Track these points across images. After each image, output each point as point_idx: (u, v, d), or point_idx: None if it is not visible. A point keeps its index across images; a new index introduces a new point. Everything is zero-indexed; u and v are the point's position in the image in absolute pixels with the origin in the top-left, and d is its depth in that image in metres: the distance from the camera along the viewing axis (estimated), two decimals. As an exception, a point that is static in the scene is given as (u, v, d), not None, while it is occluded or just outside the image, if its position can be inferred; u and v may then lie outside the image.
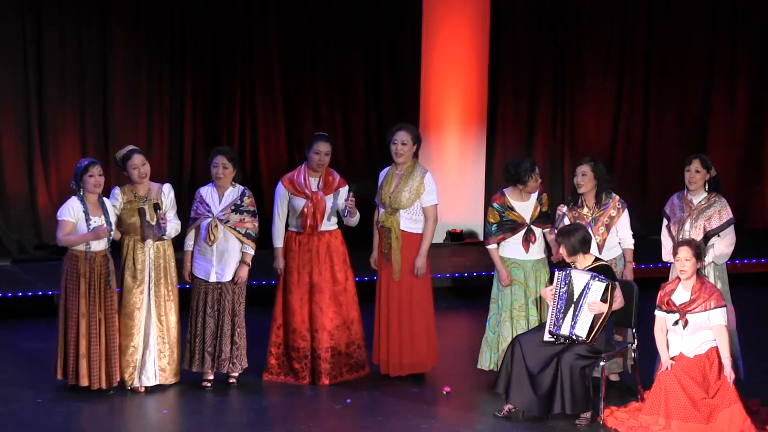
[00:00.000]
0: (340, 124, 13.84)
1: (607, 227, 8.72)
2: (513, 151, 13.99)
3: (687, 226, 8.68)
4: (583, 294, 8.06)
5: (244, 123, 13.57)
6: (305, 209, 8.85)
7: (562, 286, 8.15)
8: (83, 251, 8.44)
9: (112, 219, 8.52)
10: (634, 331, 8.52)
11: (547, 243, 8.87)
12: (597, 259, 8.29)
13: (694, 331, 7.95)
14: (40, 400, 8.48)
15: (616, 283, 8.14)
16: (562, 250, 8.21)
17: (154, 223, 8.54)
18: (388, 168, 9.03)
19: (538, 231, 8.79)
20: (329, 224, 8.97)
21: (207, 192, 8.81)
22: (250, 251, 8.76)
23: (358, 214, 8.91)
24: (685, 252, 7.94)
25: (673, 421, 7.76)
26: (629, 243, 8.80)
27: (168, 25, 13.16)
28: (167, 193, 8.70)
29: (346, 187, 8.95)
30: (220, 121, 13.45)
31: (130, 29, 12.99)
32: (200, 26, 13.26)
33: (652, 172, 14.73)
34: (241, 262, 8.76)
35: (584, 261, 8.22)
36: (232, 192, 8.78)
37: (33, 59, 12.65)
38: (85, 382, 8.47)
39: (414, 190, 8.87)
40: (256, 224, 8.80)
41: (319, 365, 8.91)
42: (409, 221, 8.91)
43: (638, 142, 14.79)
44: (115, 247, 8.68)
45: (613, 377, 8.84)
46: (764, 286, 12.45)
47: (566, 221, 8.68)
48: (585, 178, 8.72)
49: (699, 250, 7.98)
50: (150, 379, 8.64)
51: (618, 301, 8.16)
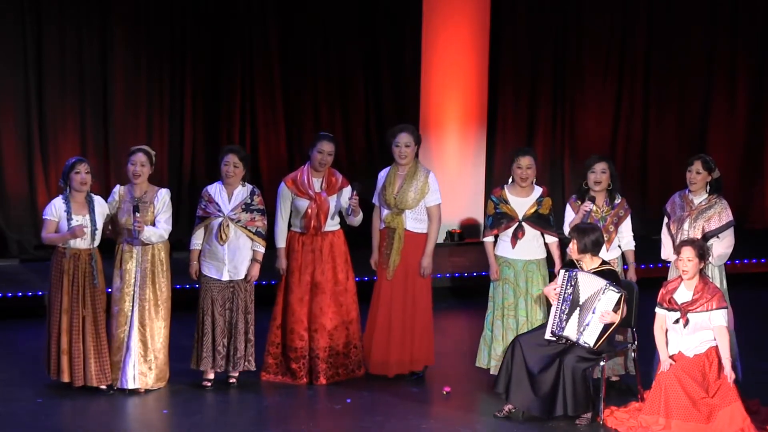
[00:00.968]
0: (340, 124, 13.83)
1: (615, 226, 8.74)
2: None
3: (686, 226, 8.68)
4: (592, 300, 8.04)
5: (244, 123, 13.56)
6: (309, 210, 8.85)
7: (567, 287, 8.14)
8: (64, 248, 8.43)
9: (99, 218, 8.47)
10: (634, 330, 8.52)
11: (547, 246, 8.85)
12: (604, 263, 8.28)
13: (694, 331, 7.95)
14: (40, 400, 8.48)
15: (624, 290, 8.15)
16: (572, 246, 8.20)
17: (130, 226, 8.49)
18: (388, 169, 9.03)
19: (529, 230, 8.77)
20: (332, 224, 8.98)
21: (215, 190, 8.80)
22: (261, 249, 8.78)
23: (362, 214, 8.92)
24: (688, 252, 7.94)
25: (673, 420, 7.76)
26: (632, 245, 8.82)
27: (168, 25, 13.15)
28: (161, 198, 8.64)
29: (349, 187, 8.95)
30: (220, 121, 13.45)
31: (130, 29, 12.98)
32: (200, 26, 13.25)
33: (652, 172, 14.73)
34: (253, 260, 8.76)
35: (591, 263, 8.22)
36: (242, 191, 8.78)
37: (33, 59, 12.64)
38: (66, 378, 8.47)
39: (419, 190, 8.88)
40: (266, 222, 8.82)
41: (316, 365, 8.91)
42: (415, 221, 8.93)
43: (638, 142, 14.79)
44: (110, 247, 8.68)
45: (613, 377, 8.84)
46: (764, 286, 12.45)
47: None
48: (604, 176, 8.74)
49: (702, 251, 7.97)
50: (129, 382, 8.59)
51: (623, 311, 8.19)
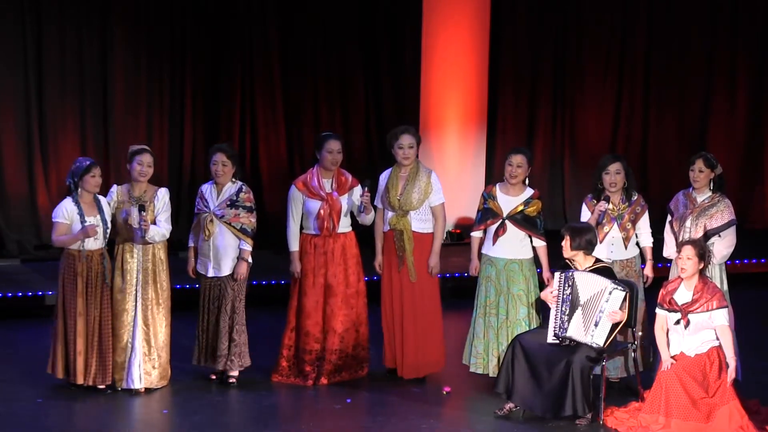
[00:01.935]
0: (340, 124, 13.83)
1: (633, 223, 8.75)
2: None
3: (688, 223, 8.69)
4: (597, 301, 8.03)
5: (244, 123, 13.57)
6: (321, 211, 8.84)
7: (566, 289, 8.14)
8: (78, 251, 8.44)
9: (108, 218, 8.51)
10: (635, 330, 8.52)
11: (534, 249, 8.84)
12: (597, 261, 8.29)
13: (696, 331, 7.95)
14: (40, 400, 8.47)
15: (627, 289, 8.16)
16: (566, 243, 8.20)
17: (136, 226, 8.51)
18: (389, 171, 9.02)
19: (512, 228, 8.75)
20: (344, 225, 8.97)
21: (207, 189, 8.84)
22: (247, 247, 8.75)
23: (373, 212, 8.91)
24: (688, 251, 7.94)
25: (673, 420, 7.76)
26: (649, 241, 8.83)
27: (168, 25, 13.16)
28: (161, 197, 8.65)
29: (359, 186, 8.95)
30: (220, 121, 13.45)
31: (130, 29, 12.98)
32: (200, 26, 13.26)
33: (652, 172, 14.73)
34: (239, 258, 8.75)
35: (585, 261, 8.22)
36: (230, 188, 8.79)
37: (33, 59, 12.64)
38: (80, 380, 8.47)
39: (422, 190, 8.89)
40: (253, 220, 8.79)
41: (322, 366, 8.91)
42: (420, 222, 8.93)
43: (638, 142, 14.79)
44: (111, 246, 8.69)
45: (614, 378, 8.84)
46: (764, 286, 12.45)
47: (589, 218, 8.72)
48: (619, 176, 8.75)
49: (703, 251, 7.96)
50: (135, 382, 8.61)
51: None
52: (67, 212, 8.42)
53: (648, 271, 8.78)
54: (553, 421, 8.07)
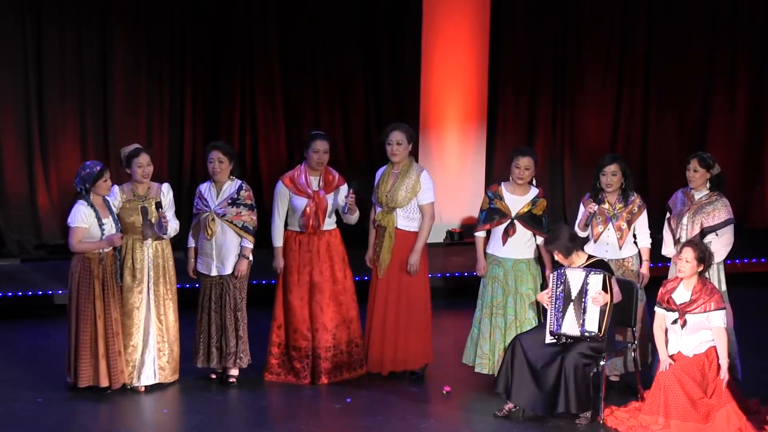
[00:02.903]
0: (340, 124, 13.83)
1: (629, 224, 8.74)
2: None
3: (685, 221, 8.70)
4: (582, 292, 8.07)
5: (244, 123, 13.56)
6: (307, 209, 8.86)
7: (558, 285, 8.17)
8: (97, 254, 8.45)
9: (115, 218, 8.54)
10: (634, 330, 8.52)
11: (538, 248, 8.85)
12: (590, 256, 8.31)
13: (693, 331, 7.95)
14: (40, 400, 8.48)
15: (612, 275, 8.16)
16: (558, 256, 8.22)
17: (155, 221, 8.56)
18: (384, 167, 9.06)
19: (520, 229, 8.77)
20: (329, 223, 8.99)
21: (206, 188, 8.86)
22: (249, 244, 8.77)
23: (358, 212, 8.94)
24: (688, 252, 7.94)
25: (672, 420, 7.77)
26: (647, 242, 8.82)
27: (168, 25, 13.15)
28: (166, 193, 8.71)
29: (346, 185, 8.97)
30: (220, 121, 13.45)
31: (130, 29, 12.98)
32: (200, 26, 13.25)
33: (652, 172, 14.73)
34: (241, 255, 8.77)
35: (579, 259, 8.24)
36: (230, 186, 8.81)
37: (33, 59, 12.64)
38: (105, 383, 8.48)
39: (410, 188, 8.89)
40: (254, 217, 8.82)
41: (319, 365, 8.91)
42: (406, 219, 8.93)
43: (638, 142, 14.78)
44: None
45: (614, 377, 8.85)
46: (764, 286, 12.45)
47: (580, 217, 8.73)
48: (615, 178, 8.75)
49: (703, 255, 7.96)
50: (149, 378, 8.66)
51: (616, 295, 8.17)
52: (85, 217, 8.41)
53: (644, 271, 8.78)
54: (553, 421, 8.08)
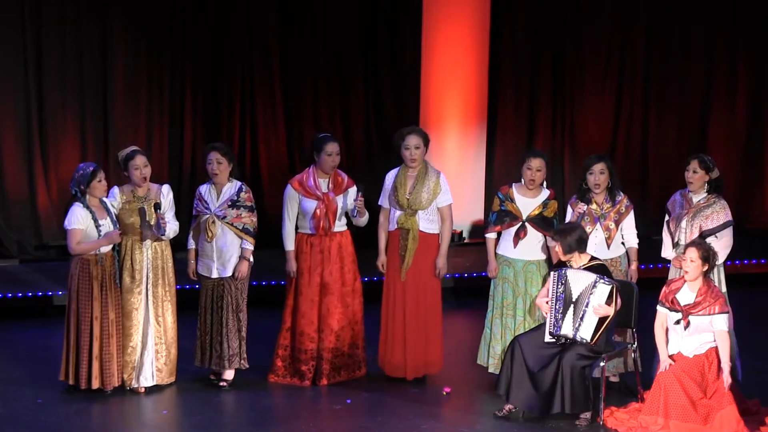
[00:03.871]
0: (340, 124, 13.82)
1: (616, 223, 8.74)
2: (513, 151, 13.99)
3: (683, 224, 8.69)
4: (585, 295, 8.05)
5: (244, 123, 13.56)
6: (317, 211, 8.85)
7: (559, 287, 8.15)
8: (95, 255, 8.44)
9: (114, 219, 8.53)
10: (634, 331, 8.52)
11: (548, 249, 8.86)
12: (593, 258, 8.29)
13: (695, 333, 7.95)
14: (40, 400, 8.48)
15: (612, 278, 8.16)
16: (558, 249, 8.21)
17: (153, 223, 8.55)
18: (397, 170, 9.02)
19: (531, 231, 8.78)
20: (340, 225, 8.98)
21: (206, 189, 8.85)
22: (249, 246, 8.77)
23: (367, 214, 8.93)
24: (692, 253, 7.93)
25: (672, 421, 7.77)
26: (634, 242, 8.82)
27: (168, 25, 13.15)
28: (166, 194, 8.71)
29: (355, 187, 8.96)
30: (220, 121, 13.44)
31: (130, 29, 12.98)
32: (200, 26, 13.25)
33: (652, 172, 14.72)
34: (241, 257, 8.76)
35: (579, 260, 8.23)
36: (230, 188, 8.80)
37: (33, 59, 12.63)
38: (97, 384, 8.48)
39: (431, 190, 8.90)
40: (254, 219, 8.81)
41: (320, 366, 8.92)
42: (427, 222, 8.95)
43: (638, 142, 14.78)
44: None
45: (613, 378, 8.85)
46: (764, 286, 12.45)
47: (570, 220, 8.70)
48: (603, 176, 8.74)
49: (707, 254, 7.95)
50: (147, 380, 8.66)
51: (618, 303, 8.17)
52: (81, 218, 8.40)
53: (632, 272, 8.77)
54: (553, 422, 8.08)
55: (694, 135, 14.73)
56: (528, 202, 8.81)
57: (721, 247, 8.62)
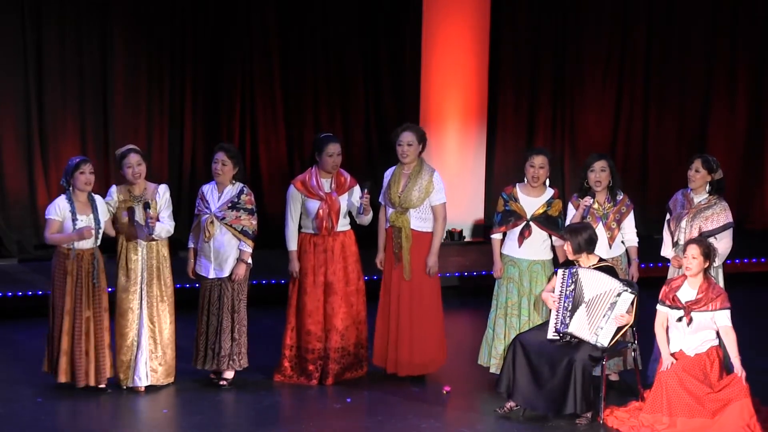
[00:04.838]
0: (340, 124, 13.82)
1: (618, 223, 8.74)
2: (513, 151, 13.99)
3: (683, 224, 8.69)
4: (603, 300, 8.02)
5: (244, 123, 13.55)
6: (320, 211, 8.85)
7: (569, 285, 8.14)
8: (68, 249, 8.43)
9: (102, 218, 8.49)
10: (634, 330, 8.52)
11: (554, 248, 8.86)
12: (601, 260, 8.29)
13: (697, 330, 7.95)
14: (40, 400, 8.48)
15: (619, 278, 8.16)
16: (567, 247, 8.20)
17: (143, 223, 8.52)
18: (394, 168, 9.04)
19: (536, 230, 8.79)
20: (343, 224, 8.98)
21: (208, 189, 8.84)
22: (247, 249, 8.75)
23: (371, 213, 8.93)
24: (693, 249, 7.94)
25: (678, 418, 7.75)
26: (634, 241, 8.83)
27: (168, 25, 13.15)
28: (162, 194, 8.68)
29: (358, 186, 8.96)
30: (220, 121, 13.44)
31: (130, 29, 12.98)
32: (200, 26, 13.25)
33: (652, 172, 14.73)
34: (238, 259, 8.75)
35: (588, 261, 8.22)
36: (231, 189, 8.79)
37: (33, 59, 12.63)
38: (63, 379, 8.47)
39: (423, 189, 8.89)
40: (254, 222, 8.80)
41: (327, 365, 8.91)
42: (419, 220, 8.94)
43: (638, 142, 14.78)
44: (111, 246, 8.68)
45: (613, 377, 8.85)
46: (764, 285, 12.45)
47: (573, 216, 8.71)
48: (604, 174, 8.75)
49: (708, 250, 7.97)
50: (142, 380, 8.64)
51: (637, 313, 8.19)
52: (59, 209, 8.40)
53: (633, 271, 8.78)
54: (554, 421, 8.08)
55: (694, 135, 14.74)
56: (532, 201, 8.81)
57: (721, 249, 8.61)
